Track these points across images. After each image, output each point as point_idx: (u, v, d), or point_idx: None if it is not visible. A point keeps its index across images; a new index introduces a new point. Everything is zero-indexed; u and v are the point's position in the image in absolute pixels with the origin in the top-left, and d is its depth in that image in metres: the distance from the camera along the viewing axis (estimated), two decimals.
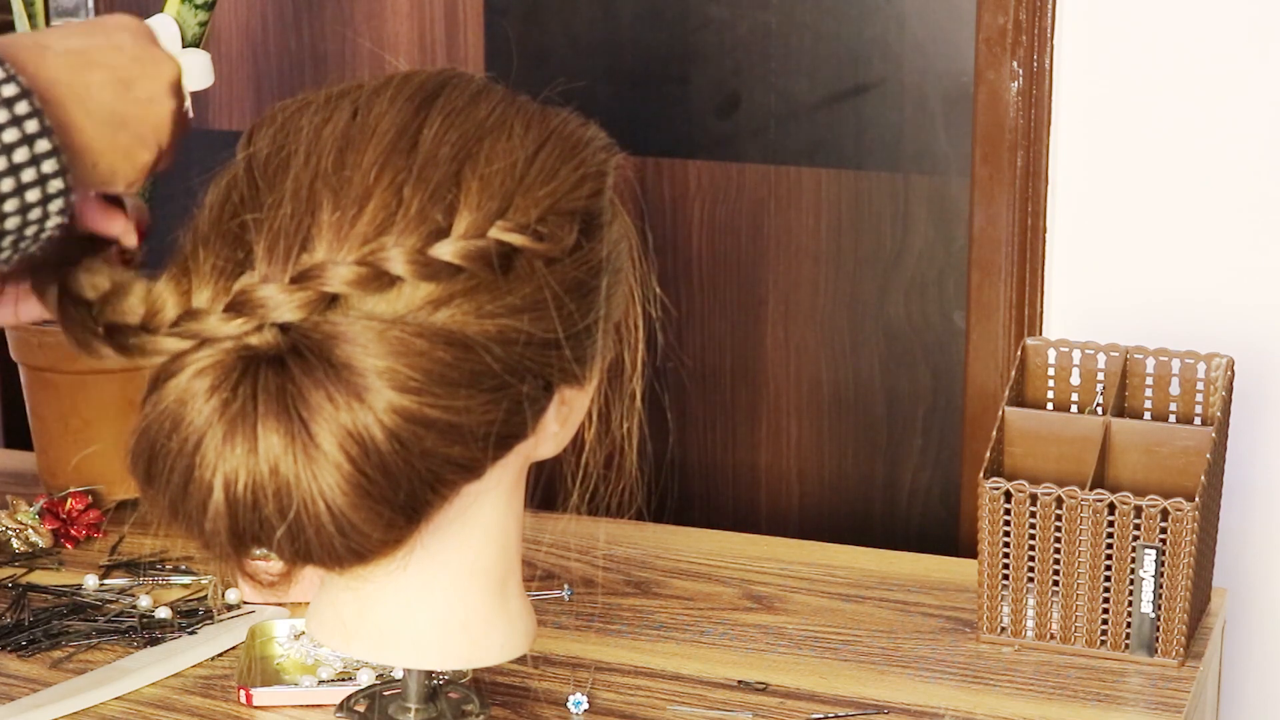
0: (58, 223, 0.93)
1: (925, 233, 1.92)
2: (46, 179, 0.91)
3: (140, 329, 0.98)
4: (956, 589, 1.56)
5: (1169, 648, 1.43)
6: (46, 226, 0.93)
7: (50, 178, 0.91)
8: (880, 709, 1.37)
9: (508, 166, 1.01)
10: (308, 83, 1.96)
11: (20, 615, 1.49)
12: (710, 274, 1.99)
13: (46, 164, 0.91)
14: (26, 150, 0.90)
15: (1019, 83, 1.77)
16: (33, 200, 0.91)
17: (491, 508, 1.09)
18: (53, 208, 0.92)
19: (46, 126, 0.91)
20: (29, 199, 0.91)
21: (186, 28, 1.59)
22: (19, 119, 0.90)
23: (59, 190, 0.92)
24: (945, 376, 1.95)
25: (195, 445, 0.97)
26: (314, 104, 1.04)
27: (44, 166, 0.91)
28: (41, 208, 0.92)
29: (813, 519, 2.02)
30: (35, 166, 0.90)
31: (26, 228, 0.92)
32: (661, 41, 1.95)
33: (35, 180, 0.91)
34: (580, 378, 1.06)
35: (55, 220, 0.93)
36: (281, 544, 0.99)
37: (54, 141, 0.91)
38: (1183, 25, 1.71)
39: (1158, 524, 1.40)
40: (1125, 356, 1.54)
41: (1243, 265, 1.74)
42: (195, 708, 1.36)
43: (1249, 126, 1.71)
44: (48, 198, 0.92)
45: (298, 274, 0.97)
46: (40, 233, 0.93)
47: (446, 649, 1.11)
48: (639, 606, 1.53)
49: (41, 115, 0.91)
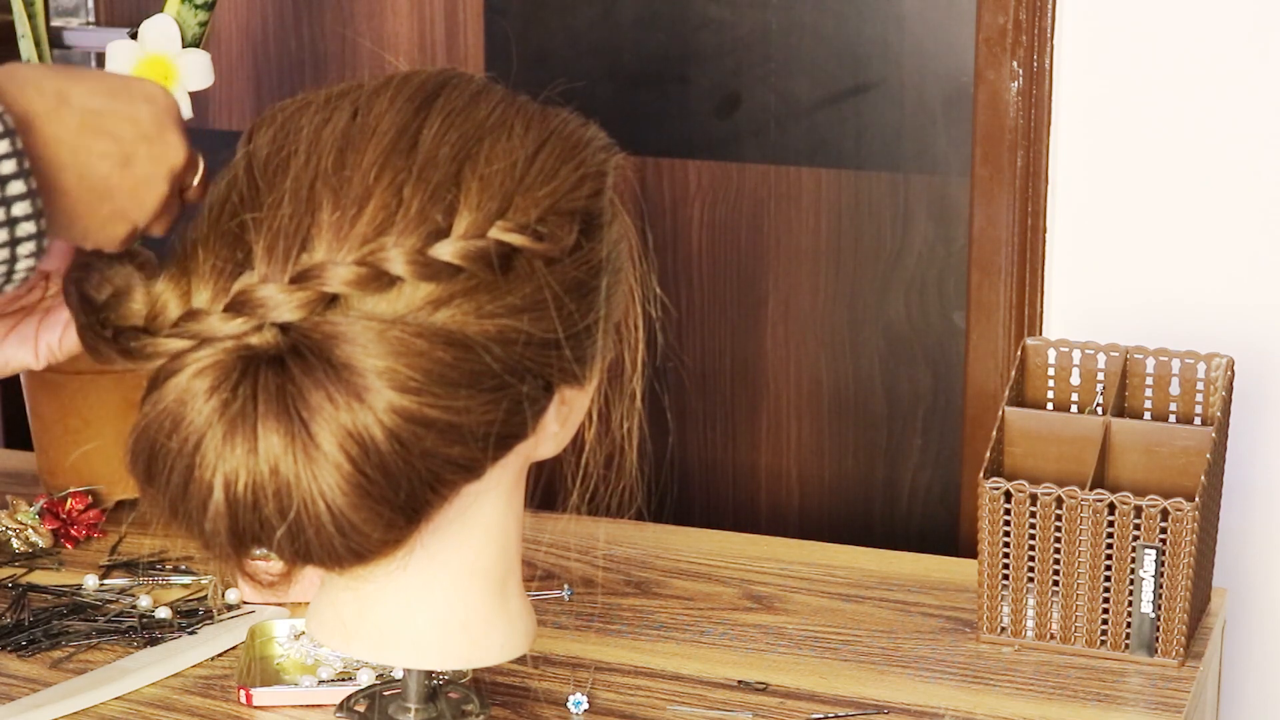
0: (28, 266, 0.93)
1: (925, 233, 1.92)
2: (16, 221, 0.91)
3: (143, 331, 0.99)
4: (956, 589, 1.56)
5: (1169, 648, 1.43)
6: (16, 269, 0.92)
7: (20, 220, 0.91)
8: (880, 709, 1.37)
9: (508, 166, 1.01)
10: (308, 83, 1.96)
11: (20, 615, 1.49)
12: (710, 274, 1.99)
13: (18, 206, 0.90)
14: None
15: (1019, 83, 1.77)
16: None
17: (491, 508, 1.09)
18: (21, 250, 0.91)
19: (25, 169, 0.90)
20: None
21: (186, 28, 1.59)
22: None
23: (30, 234, 0.91)
24: (945, 376, 1.95)
25: (195, 445, 0.97)
26: (314, 104, 1.04)
27: (14, 209, 0.90)
28: (9, 249, 0.91)
29: (813, 519, 2.02)
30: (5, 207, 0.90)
31: None
32: (661, 41, 1.95)
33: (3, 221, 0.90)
34: (580, 378, 1.06)
35: (24, 264, 0.92)
36: (281, 544, 0.99)
37: (30, 185, 0.90)
38: (1183, 25, 1.71)
39: (1158, 524, 1.40)
40: (1125, 356, 1.54)
41: (1243, 265, 1.74)
42: (195, 708, 1.36)
43: (1249, 126, 1.71)
44: (16, 240, 0.91)
45: (297, 274, 0.97)
46: (10, 273, 0.92)
47: (446, 649, 1.12)
48: (639, 606, 1.53)
49: (22, 157, 0.90)
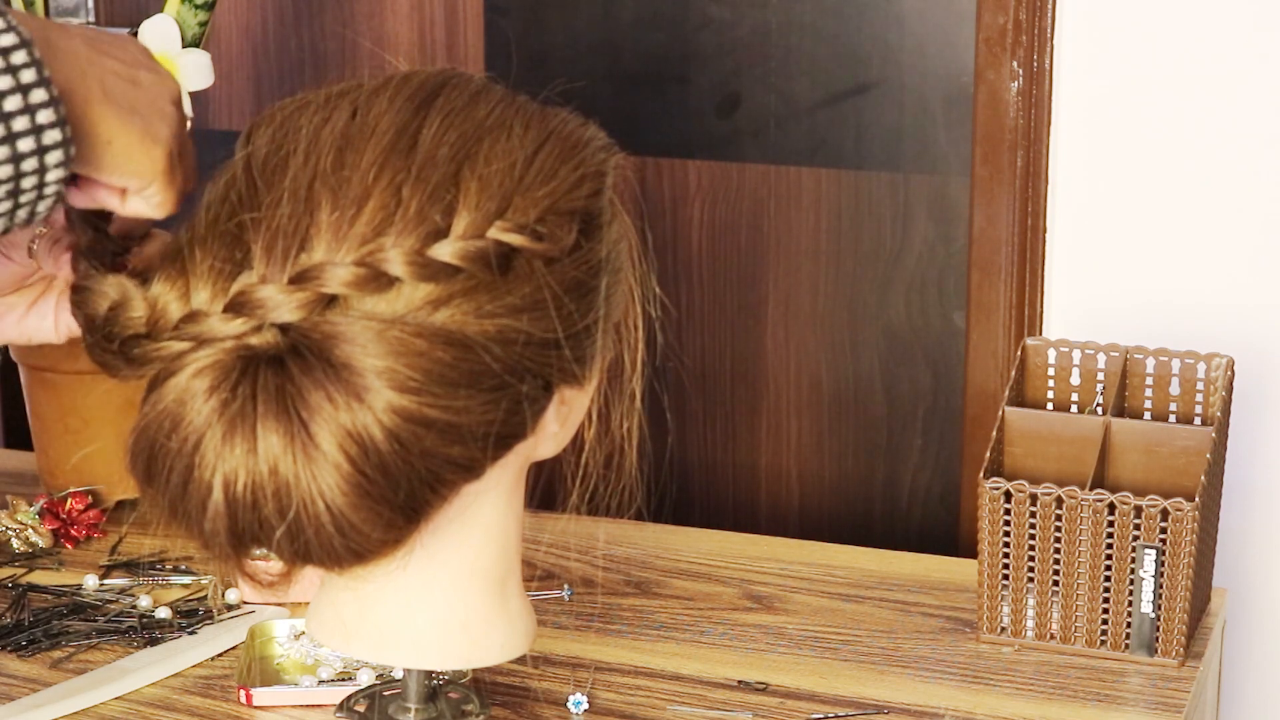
0: (58, 177, 0.91)
1: (925, 233, 1.92)
2: (42, 129, 0.89)
3: (144, 337, 0.98)
4: (956, 589, 1.56)
5: (1169, 648, 1.43)
6: (47, 181, 0.90)
7: (46, 128, 0.89)
8: (880, 709, 1.37)
9: (507, 167, 1.01)
10: (308, 83, 1.96)
11: (20, 615, 1.49)
12: (710, 274, 1.99)
13: (42, 114, 0.89)
14: (19, 99, 0.88)
15: (1019, 83, 1.77)
16: (25, 150, 0.89)
17: (491, 508, 1.09)
18: (50, 159, 0.90)
19: (45, 77, 0.89)
20: (20, 148, 0.88)
21: (186, 28, 1.59)
22: (14, 68, 0.88)
23: (56, 141, 0.90)
24: (945, 376, 1.95)
25: (195, 445, 0.97)
26: (313, 104, 1.04)
27: (39, 116, 0.89)
28: (37, 158, 0.90)
29: (813, 519, 2.02)
30: (29, 115, 0.88)
31: (22, 179, 0.89)
32: (661, 41, 1.95)
33: (29, 129, 0.89)
34: (580, 378, 1.06)
35: (54, 174, 0.90)
36: (281, 544, 0.99)
37: (52, 92, 0.89)
38: (1183, 25, 1.71)
39: (1158, 524, 1.40)
40: (1125, 356, 1.54)
41: (1243, 265, 1.74)
42: (195, 708, 1.36)
43: (1249, 126, 1.71)
44: (43, 149, 0.89)
45: (296, 274, 0.97)
46: (40, 185, 0.90)
47: (446, 649, 1.12)
48: (639, 606, 1.53)
49: (41, 66, 0.89)
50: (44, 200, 0.92)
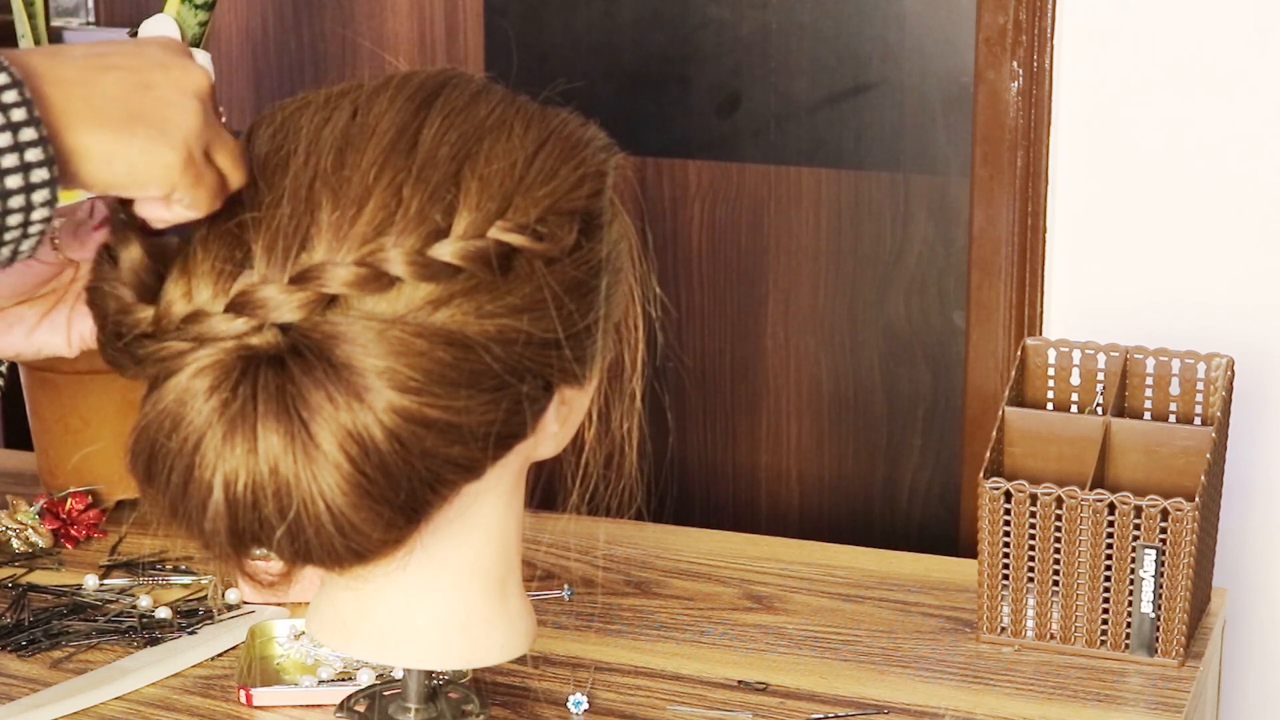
0: (43, 216, 0.92)
1: (925, 233, 1.92)
2: (30, 167, 0.90)
3: (148, 336, 0.98)
4: (956, 589, 1.56)
5: (1169, 648, 1.43)
6: (32, 219, 0.91)
7: (34, 167, 0.90)
8: (880, 709, 1.37)
9: (507, 166, 1.01)
10: (308, 83, 1.96)
11: (20, 615, 1.49)
12: (710, 274, 1.99)
13: (31, 152, 0.90)
14: (9, 136, 0.89)
15: (1019, 83, 1.77)
16: (13, 187, 0.89)
17: (491, 508, 1.09)
18: (36, 198, 0.91)
19: (35, 116, 0.90)
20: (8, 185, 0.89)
21: (186, 28, 1.59)
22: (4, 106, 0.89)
23: (43, 180, 0.91)
24: (945, 376, 1.95)
25: (195, 445, 0.97)
26: (314, 104, 1.04)
27: (28, 155, 0.90)
28: (24, 195, 0.90)
29: (813, 519, 2.02)
30: (18, 153, 0.89)
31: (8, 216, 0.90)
32: (661, 41, 1.95)
33: (17, 167, 0.89)
34: (580, 377, 1.06)
35: (40, 213, 0.91)
36: (281, 544, 0.99)
37: (41, 131, 0.90)
38: (1183, 25, 1.71)
39: (1158, 524, 1.40)
40: (1125, 356, 1.54)
41: (1242, 265, 1.74)
42: (195, 708, 1.36)
43: (1249, 127, 1.71)
44: (31, 187, 0.90)
45: (297, 274, 0.97)
46: (26, 224, 0.91)
47: (446, 649, 1.11)
48: (639, 606, 1.53)
49: (31, 105, 0.90)
50: (28, 239, 0.92)
